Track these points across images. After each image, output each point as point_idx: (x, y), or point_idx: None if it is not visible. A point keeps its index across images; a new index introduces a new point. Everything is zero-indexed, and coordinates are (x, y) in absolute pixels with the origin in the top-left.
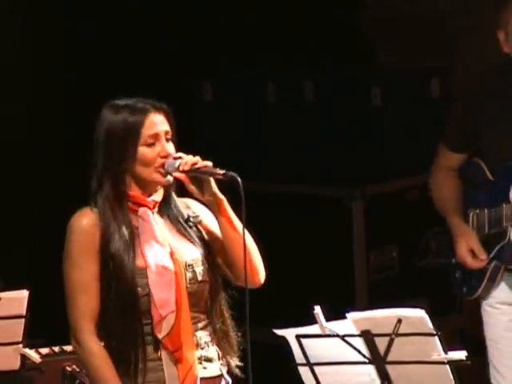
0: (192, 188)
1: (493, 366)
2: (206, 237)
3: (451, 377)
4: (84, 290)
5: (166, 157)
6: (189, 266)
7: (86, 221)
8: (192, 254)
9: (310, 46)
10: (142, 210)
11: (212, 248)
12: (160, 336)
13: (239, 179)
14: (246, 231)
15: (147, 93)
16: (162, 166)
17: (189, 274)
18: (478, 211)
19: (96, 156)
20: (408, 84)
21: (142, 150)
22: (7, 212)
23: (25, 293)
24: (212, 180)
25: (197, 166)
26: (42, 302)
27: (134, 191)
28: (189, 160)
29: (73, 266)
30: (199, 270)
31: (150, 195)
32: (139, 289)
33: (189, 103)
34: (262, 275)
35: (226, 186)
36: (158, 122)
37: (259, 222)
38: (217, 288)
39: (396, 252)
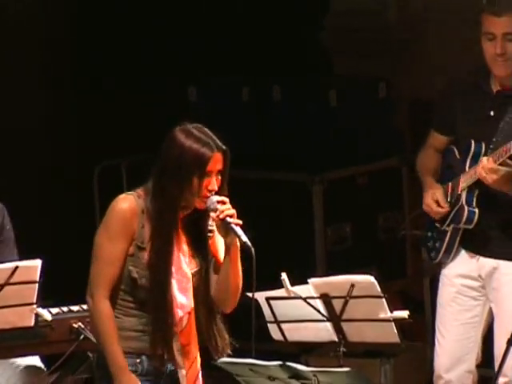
0: (218, 228)
1: (437, 326)
2: (210, 252)
3: (395, 332)
4: (111, 262)
5: (211, 191)
6: (192, 275)
7: (128, 206)
8: (194, 266)
9: (279, 57)
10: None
11: (210, 263)
12: (177, 330)
13: (253, 253)
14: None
15: (144, 93)
16: (206, 197)
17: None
18: (445, 185)
19: (161, 166)
20: (359, 87)
21: (196, 180)
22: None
23: (38, 262)
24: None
25: (229, 220)
26: (54, 269)
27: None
28: (226, 210)
29: (108, 239)
30: (193, 279)
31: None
32: None
33: (176, 102)
34: (233, 307)
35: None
36: (217, 161)
37: (236, 203)
38: (208, 296)
39: (349, 227)
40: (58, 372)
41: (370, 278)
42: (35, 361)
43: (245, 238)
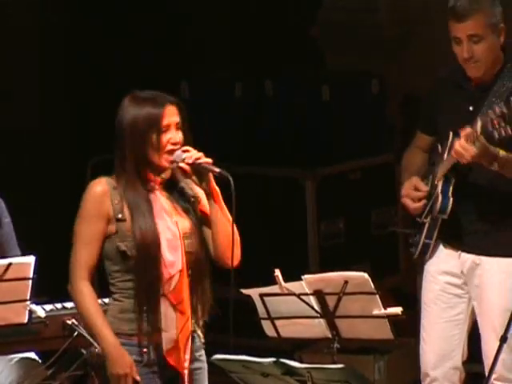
0: (193, 177)
1: (422, 324)
2: (199, 216)
3: (389, 328)
4: (86, 243)
5: (175, 144)
6: (185, 237)
7: (99, 188)
8: (186, 226)
9: (272, 53)
10: (151, 185)
11: (202, 227)
12: (167, 291)
13: (231, 178)
14: (230, 218)
15: (137, 89)
16: (171, 151)
17: (186, 241)
18: (426, 180)
19: (120, 141)
20: (352, 83)
21: (154, 137)
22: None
23: (32, 258)
24: (210, 174)
25: (199, 162)
26: (47, 265)
27: (146, 170)
28: (193, 155)
29: (82, 222)
30: (188, 242)
31: (158, 175)
32: None
33: None
34: (237, 259)
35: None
36: (171, 114)
37: (230, 198)
38: (200, 259)
39: (342, 223)
40: (51, 369)
41: (364, 275)
42: (30, 354)
43: (219, 169)
